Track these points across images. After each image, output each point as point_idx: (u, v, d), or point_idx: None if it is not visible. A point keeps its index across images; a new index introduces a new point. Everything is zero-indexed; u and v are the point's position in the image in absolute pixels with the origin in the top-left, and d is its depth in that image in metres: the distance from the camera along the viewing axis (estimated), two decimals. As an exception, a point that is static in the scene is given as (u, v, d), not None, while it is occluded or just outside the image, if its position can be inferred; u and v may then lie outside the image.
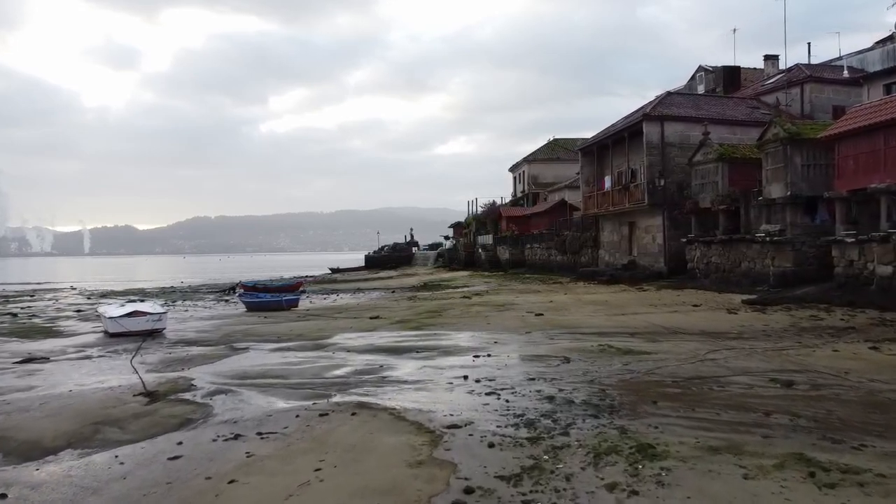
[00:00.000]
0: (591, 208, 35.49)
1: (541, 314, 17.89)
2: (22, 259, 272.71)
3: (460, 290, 31.02)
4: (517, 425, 6.88)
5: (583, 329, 14.70)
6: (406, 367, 10.80)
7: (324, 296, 30.88)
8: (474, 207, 64.93)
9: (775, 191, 21.79)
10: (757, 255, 22.44)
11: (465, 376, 9.59)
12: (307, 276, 53.75)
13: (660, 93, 33.32)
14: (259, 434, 6.95)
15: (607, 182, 33.76)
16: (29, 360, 12.84)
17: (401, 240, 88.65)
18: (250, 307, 23.98)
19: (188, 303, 29.12)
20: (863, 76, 27.94)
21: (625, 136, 31.42)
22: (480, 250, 54.70)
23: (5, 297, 36.10)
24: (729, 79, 39.20)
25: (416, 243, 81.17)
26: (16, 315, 24.08)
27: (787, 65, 37.56)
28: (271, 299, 24.37)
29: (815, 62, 36.05)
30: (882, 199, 17.31)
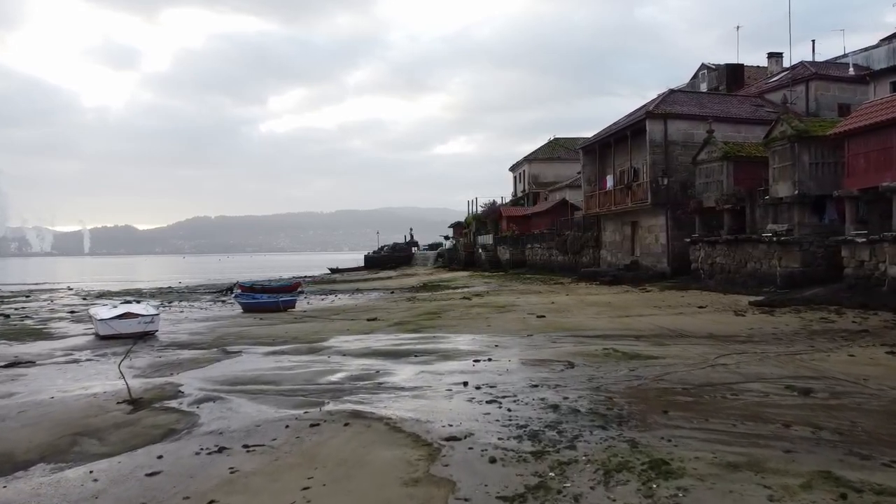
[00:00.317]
0: (593, 208, 35.06)
1: (542, 316, 17.48)
2: (22, 259, 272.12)
3: (460, 290, 30.59)
4: (520, 437, 6.46)
5: (586, 332, 14.29)
6: (403, 372, 10.39)
7: (322, 297, 30.44)
8: (474, 207, 64.47)
9: (782, 190, 21.34)
10: (763, 255, 21.99)
11: (465, 382, 9.19)
12: (306, 277, 53.32)
13: (659, 93, 32.87)
14: (245, 447, 6.53)
15: (609, 181, 33.32)
16: (13, 364, 12.40)
17: (400, 240, 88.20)
18: (246, 308, 23.58)
19: (184, 303, 28.69)
20: (869, 73, 27.49)
21: (627, 134, 30.97)
22: (480, 250, 54.24)
23: (0, 297, 35.67)
24: (732, 77, 38.80)
25: (416, 243, 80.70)
26: (8, 316, 23.64)
27: (790, 63, 37.13)
28: (268, 300, 23.94)
29: (818, 60, 35.60)
30: (894, 198, 16.87)
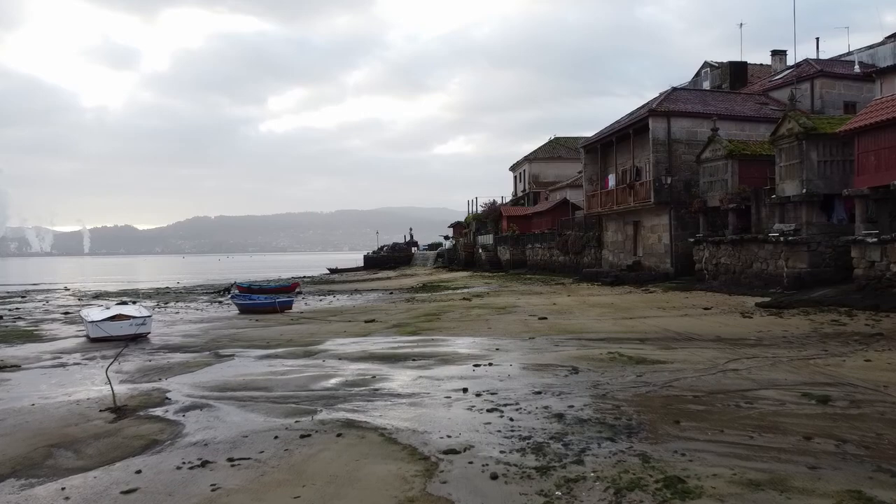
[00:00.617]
0: (595, 207, 34.62)
1: (544, 318, 17.07)
2: (21, 259, 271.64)
3: (460, 291, 30.17)
4: (524, 450, 6.05)
5: (589, 334, 13.89)
6: (400, 377, 9.97)
7: (320, 297, 30.02)
8: (474, 207, 63.98)
9: (789, 188, 20.91)
10: (770, 255, 21.56)
11: (465, 389, 8.79)
12: (304, 277, 52.92)
13: (659, 92, 32.44)
14: (230, 460, 6.12)
15: (611, 180, 32.89)
16: (-2, 368, 12.00)
17: (400, 240, 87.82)
18: (243, 309, 23.19)
19: (181, 304, 28.27)
20: (875, 71, 26.90)
21: (629, 132, 30.52)
22: (481, 250, 53.79)
23: (-4, 298, 35.27)
24: (735, 75, 38.29)
25: (416, 243, 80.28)
26: (1, 318, 23.25)
27: (794, 61, 36.66)
28: (264, 301, 23.54)
29: (823, 59, 35.15)
30: (905, 197, 16.45)
